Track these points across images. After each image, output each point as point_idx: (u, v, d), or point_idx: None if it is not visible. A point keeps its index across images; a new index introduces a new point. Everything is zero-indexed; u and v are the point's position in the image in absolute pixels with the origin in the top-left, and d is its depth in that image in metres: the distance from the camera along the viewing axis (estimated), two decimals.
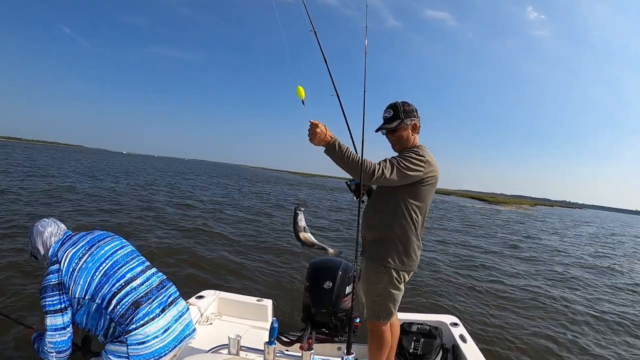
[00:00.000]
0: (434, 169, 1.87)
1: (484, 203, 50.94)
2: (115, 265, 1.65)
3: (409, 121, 1.90)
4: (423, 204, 1.88)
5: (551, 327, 4.49)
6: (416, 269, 1.97)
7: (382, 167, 1.72)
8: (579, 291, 6.44)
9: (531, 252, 10.15)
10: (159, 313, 1.61)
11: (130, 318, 1.53)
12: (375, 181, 1.74)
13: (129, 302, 1.56)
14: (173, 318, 1.68)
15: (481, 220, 20.56)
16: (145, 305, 1.59)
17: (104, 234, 1.80)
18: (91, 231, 1.81)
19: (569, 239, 15.75)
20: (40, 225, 1.70)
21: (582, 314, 5.12)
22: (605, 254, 12.07)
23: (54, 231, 1.70)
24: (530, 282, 6.60)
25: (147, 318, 1.56)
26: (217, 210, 12.09)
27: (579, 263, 9.42)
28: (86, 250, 1.64)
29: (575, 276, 7.60)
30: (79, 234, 1.74)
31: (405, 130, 1.91)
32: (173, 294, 1.77)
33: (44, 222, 1.74)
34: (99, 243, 1.71)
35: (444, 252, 8.60)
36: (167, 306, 1.67)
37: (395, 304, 1.94)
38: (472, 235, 12.78)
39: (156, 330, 1.57)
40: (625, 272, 8.89)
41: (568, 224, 27.98)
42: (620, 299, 6.31)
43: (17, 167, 19.61)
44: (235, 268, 5.66)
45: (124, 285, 1.60)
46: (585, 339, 4.27)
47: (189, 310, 1.86)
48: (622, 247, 15.50)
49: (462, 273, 6.67)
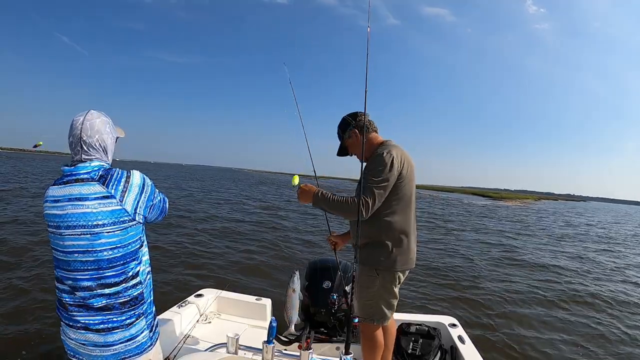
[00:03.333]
0: (402, 162, 1.84)
1: (487, 199, 50.83)
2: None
3: (347, 133, 1.98)
4: (404, 198, 1.86)
5: (551, 327, 4.50)
6: (413, 266, 1.95)
7: (363, 199, 1.74)
8: (585, 289, 6.44)
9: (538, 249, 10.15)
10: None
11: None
12: (370, 213, 1.76)
13: None
14: None
15: (484, 216, 20.54)
16: None
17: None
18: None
19: (574, 238, 15.73)
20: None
21: (583, 314, 5.12)
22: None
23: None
24: (531, 282, 6.59)
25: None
26: (217, 210, 12.08)
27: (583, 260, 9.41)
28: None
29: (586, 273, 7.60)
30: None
31: (349, 139, 1.98)
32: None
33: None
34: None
35: (444, 252, 8.60)
36: None
37: (389, 307, 1.93)
38: (473, 233, 12.77)
39: None
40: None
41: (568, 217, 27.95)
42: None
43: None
44: (234, 267, 5.67)
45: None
46: (588, 341, 4.27)
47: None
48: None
49: (461, 273, 6.66)
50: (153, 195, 1.31)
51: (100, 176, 1.20)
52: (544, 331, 4.38)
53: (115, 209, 1.18)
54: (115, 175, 1.22)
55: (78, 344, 1.22)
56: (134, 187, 1.23)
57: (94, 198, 1.17)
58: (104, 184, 1.19)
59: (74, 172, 1.21)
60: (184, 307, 2.51)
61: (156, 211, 1.36)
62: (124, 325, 1.22)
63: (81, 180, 1.19)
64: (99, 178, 1.19)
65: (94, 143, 1.23)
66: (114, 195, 1.18)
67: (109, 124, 1.30)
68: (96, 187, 1.18)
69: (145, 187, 1.27)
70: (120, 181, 1.21)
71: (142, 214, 1.26)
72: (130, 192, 1.21)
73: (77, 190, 1.17)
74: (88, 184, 1.18)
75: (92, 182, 1.18)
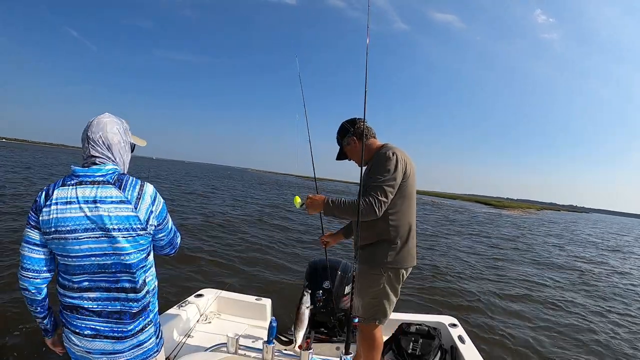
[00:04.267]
0: (405, 161, 1.85)
1: (489, 207, 50.65)
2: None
3: (346, 140, 2.01)
4: (409, 196, 1.87)
5: (552, 328, 4.50)
6: (415, 263, 1.96)
7: (374, 198, 1.73)
8: (587, 294, 6.44)
9: (532, 254, 10.16)
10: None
11: None
12: (383, 210, 1.75)
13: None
14: None
15: (484, 223, 20.55)
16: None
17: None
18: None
19: (573, 245, 15.75)
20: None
21: (583, 312, 5.12)
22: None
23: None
24: (531, 283, 6.60)
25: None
26: (217, 209, 12.09)
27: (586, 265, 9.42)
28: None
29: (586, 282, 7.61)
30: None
31: (348, 146, 2.01)
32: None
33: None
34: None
35: (443, 252, 8.60)
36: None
37: (391, 306, 1.94)
38: (474, 237, 12.78)
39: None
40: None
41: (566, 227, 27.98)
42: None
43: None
44: (234, 267, 5.67)
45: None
46: (588, 340, 4.27)
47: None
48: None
49: (461, 274, 6.67)
50: (165, 213, 1.29)
51: (116, 180, 1.18)
52: (545, 331, 4.38)
53: (130, 215, 1.16)
54: (130, 181, 1.20)
55: (84, 351, 1.20)
56: (147, 196, 1.21)
57: (111, 202, 1.14)
58: (120, 188, 1.17)
59: (88, 174, 1.17)
60: (184, 307, 2.51)
61: (165, 236, 1.33)
62: (135, 333, 1.21)
63: (97, 182, 1.16)
64: (115, 182, 1.17)
65: (97, 139, 1.21)
66: (129, 201, 1.16)
67: (119, 125, 1.28)
68: (113, 191, 1.16)
69: (157, 201, 1.25)
70: (135, 187, 1.20)
71: (153, 224, 1.24)
72: (143, 200, 1.20)
73: (92, 192, 1.14)
74: (104, 186, 1.16)
75: (108, 185, 1.16)
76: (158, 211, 1.25)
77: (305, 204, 1.90)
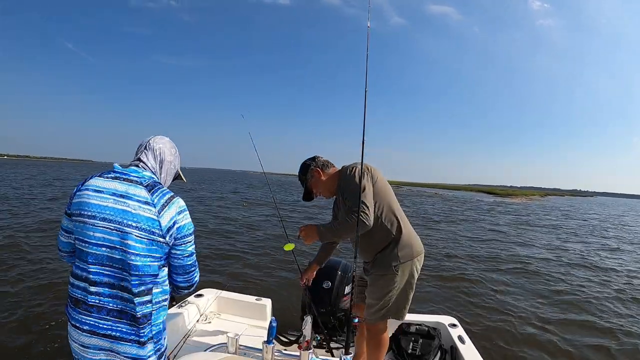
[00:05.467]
0: (366, 168, 1.92)
1: (494, 196, 50.68)
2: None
3: (309, 174, 2.06)
4: (386, 196, 1.96)
5: (551, 328, 4.49)
6: (423, 248, 2.02)
7: (359, 211, 1.77)
8: (586, 289, 6.43)
9: (544, 248, 10.14)
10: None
11: None
12: (371, 219, 1.81)
13: None
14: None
15: (492, 213, 20.52)
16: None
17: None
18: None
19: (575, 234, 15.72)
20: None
21: (584, 314, 5.11)
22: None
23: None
24: (531, 282, 6.59)
25: None
26: (217, 209, 12.09)
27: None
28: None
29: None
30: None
31: (312, 179, 2.06)
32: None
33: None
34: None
35: (443, 251, 8.59)
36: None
37: (407, 302, 1.97)
38: (475, 232, 12.77)
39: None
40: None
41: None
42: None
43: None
44: (234, 267, 5.67)
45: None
46: (588, 341, 4.26)
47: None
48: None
49: (461, 274, 6.66)
50: (187, 230, 1.29)
51: (149, 184, 1.25)
52: (545, 331, 4.38)
53: (151, 217, 1.19)
54: (162, 189, 1.27)
55: (81, 347, 1.20)
56: (174, 207, 1.25)
57: (137, 200, 1.20)
58: (149, 191, 1.23)
59: (125, 172, 1.26)
60: (184, 307, 2.51)
61: (181, 255, 1.30)
62: (131, 340, 1.19)
63: (130, 180, 1.23)
64: (147, 185, 1.24)
65: (156, 149, 1.35)
66: (154, 205, 1.21)
67: (175, 150, 1.42)
68: (142, 191, 1.22)
69: (184, 215, 1.28)
70: (165, 196, 1.25)
71: (173, 235, 1.24)
72: (169, 209, 1.23)
73: (124, 187, 1.21)
74: (135, 185, 1.22)
75: (139, 185, 1.23)
76: (182, 224, 1.27)
77: (300, 236, 1.94)
